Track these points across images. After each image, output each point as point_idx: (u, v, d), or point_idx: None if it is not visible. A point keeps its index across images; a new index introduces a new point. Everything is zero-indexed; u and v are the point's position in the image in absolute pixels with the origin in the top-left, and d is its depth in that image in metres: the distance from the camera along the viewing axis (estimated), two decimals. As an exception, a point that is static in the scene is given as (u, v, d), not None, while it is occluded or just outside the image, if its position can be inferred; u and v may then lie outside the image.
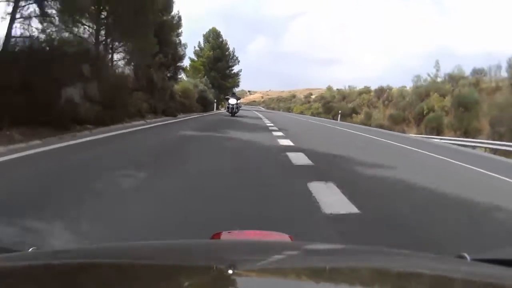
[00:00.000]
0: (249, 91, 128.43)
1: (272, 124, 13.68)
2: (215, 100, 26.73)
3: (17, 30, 7.47)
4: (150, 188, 3.25)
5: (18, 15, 7.45)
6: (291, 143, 7.43)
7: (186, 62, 22.62)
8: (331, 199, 3.19)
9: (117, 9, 10.43)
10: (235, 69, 38.30)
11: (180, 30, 17.87)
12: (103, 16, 10.91)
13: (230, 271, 0.49)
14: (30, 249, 0.66)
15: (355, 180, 4.37)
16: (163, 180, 3.57)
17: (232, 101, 18.03)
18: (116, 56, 12.36)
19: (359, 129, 17.97)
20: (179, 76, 19.96)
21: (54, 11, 8.33)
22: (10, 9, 7.29)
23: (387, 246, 0.93)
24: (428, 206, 3.53)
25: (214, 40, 35.57)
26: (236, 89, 38.80)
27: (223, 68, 35.65)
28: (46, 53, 7.26)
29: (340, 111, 31.28)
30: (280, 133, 9.82)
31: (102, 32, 11.09)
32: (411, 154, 8.68)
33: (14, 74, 5.78)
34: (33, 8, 7.82)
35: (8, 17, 7.21)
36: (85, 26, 10.52)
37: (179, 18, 17.19)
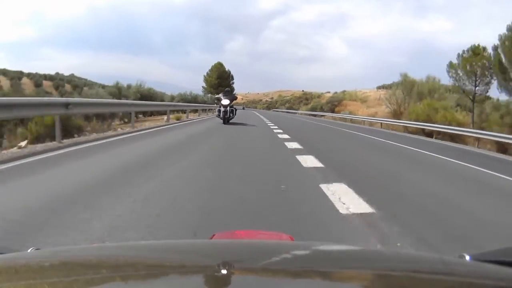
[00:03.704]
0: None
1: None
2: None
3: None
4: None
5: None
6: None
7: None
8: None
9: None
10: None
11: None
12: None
13: (229, 271, 0.50)
14: (30, 249, 0.66)
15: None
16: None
17: (225, 101, 14.08)
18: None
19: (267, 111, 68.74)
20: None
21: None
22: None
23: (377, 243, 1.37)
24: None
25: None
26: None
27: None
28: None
29: (265, 106, 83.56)
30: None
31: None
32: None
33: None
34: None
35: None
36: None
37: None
